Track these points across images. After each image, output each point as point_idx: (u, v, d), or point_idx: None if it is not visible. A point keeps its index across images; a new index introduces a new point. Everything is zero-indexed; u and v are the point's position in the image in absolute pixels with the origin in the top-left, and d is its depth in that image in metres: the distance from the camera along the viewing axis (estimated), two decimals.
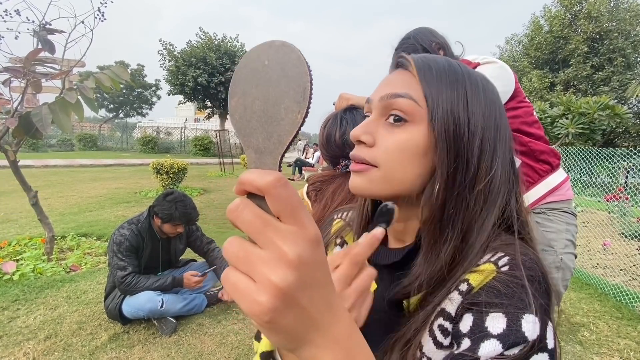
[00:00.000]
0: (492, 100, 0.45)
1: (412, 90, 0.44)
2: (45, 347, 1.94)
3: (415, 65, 0.45)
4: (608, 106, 7.14)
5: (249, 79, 0.27)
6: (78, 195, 6.18)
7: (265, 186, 0.23)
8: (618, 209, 4.63)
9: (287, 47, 0.26)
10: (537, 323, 0.35)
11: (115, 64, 23.05)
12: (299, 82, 0.25)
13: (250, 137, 0.27)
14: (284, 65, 0.25)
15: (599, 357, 2.18)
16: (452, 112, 0.42)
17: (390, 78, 0.47)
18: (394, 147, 0.43)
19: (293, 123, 0.25)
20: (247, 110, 0.27)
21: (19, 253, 3.22)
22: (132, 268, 2.20)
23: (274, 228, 0.23)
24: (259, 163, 0.27)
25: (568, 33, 16.69)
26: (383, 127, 0.45)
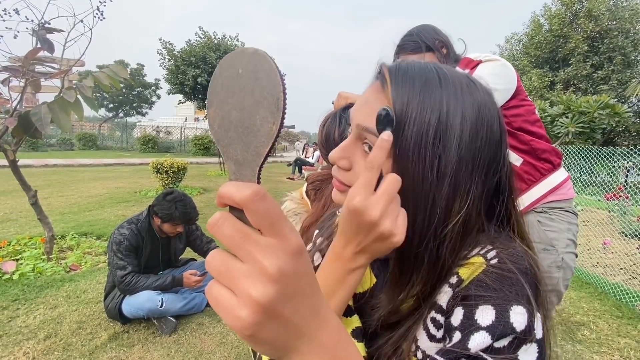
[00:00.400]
0: (476, 123, 0.40)
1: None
2: (45, 347, 1.94)
3: (390, 87, 0.41)
4: (608, 105, 7.14)
5: (224, 88, 0.27)
6: (78, 195, 6.17)
7: (243, 200, 0.23)
8: (618, 208, 4.63)
9: (259, 56, 0.25)
10: (525, 314, 0.36)
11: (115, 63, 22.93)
12: (272, 92, 0.25)
13: (229, 147, 0.27)
14: (257, 74, 0.25)
15: (599, 356, 2.18)
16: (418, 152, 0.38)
17: (368, 98, 0.44)
18: None
19: (268, 134, 0.25)
20: (224, 120, 0.27)
21: (19, 252, 3.22)
22: (132, 267, 2.19)
23: (253, 241, 0.23)
24: (239, 175, 0.27)
25: (568, 32, 16.68)
26: (360, 150, 0.45)
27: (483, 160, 0.40)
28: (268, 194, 0.23)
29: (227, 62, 0.27)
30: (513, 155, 1.30)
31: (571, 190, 1.33)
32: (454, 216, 0.39)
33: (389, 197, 0.37)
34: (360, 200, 0.37)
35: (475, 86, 0.42)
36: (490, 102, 0.42)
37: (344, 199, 0.43)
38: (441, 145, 0.38)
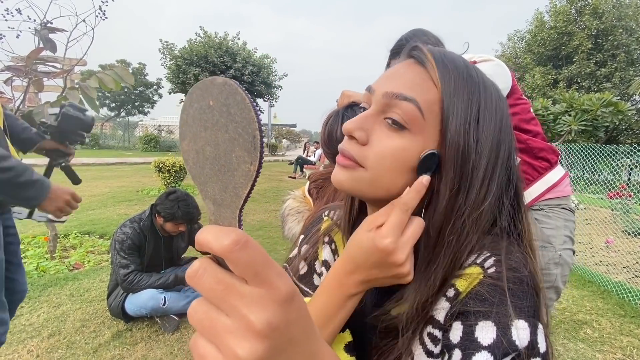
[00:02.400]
0: (501, 115, 0.42)
1: (421, 94, 0.39)
2: (49, 345, 1.95)
3: (436, 64, 0.40)
4: (611, 103, 7.10)
5: (196, 121, 0.24)
6: (81, 194, 6.14)
7: (222, 251, 0.21)
8: (621, 207, 4.61)
9: (229, 87, 0.23)
10: (528, 328, 0.35)
11: (117, 63, 23.11)
12: (247, 130, 0.22)
13: (206, 186, 0.25)
14: (230, 108, 0.23)
15: (602, 354, 2.17)
16: (465, 128, 0.39)
17: (399, 70, 0.42)
18: (388, 153, 0.40)
19: (247, 175, 0.23)
20: (199, 156, 0.25)
21: (22, 251, 3.24)
22: (135, 266, 2.20)
23: (237, 294, 0.21)
24: (218, 216, 0.25)
25: (572, 29, 16.57)
26: (380, 125, 0.41)
27: (506, 148, 0.42)
28: (250, 240, 0.21)
29: (196, 92, 0.24)
30: None
31: (568, 187, 1.34)
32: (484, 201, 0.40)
33: (414, 241, 0.39)
34: (392, 242, 0.38)
35: (498, 89, 0.44)
36: (505, 103, 0.44)
37: (347, 180, 0.42)
38: (480, 128, 0.39)
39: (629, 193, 4.54)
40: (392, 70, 0.43)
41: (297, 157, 11.63)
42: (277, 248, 3.80)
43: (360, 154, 0.41)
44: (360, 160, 0.41)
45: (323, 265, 0.58)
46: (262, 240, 4.07)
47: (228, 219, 0.24)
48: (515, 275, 0.37)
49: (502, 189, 0.42)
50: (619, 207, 4.66)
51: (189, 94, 0.25)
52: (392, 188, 0.41)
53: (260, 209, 5.80)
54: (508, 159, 0.43)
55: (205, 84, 0.24)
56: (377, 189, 0.41)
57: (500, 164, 0.41)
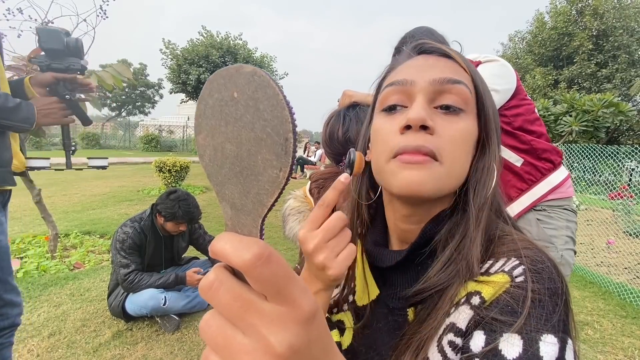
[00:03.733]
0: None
1: (463, 77, 0.43)
2: (50, 344, 1.95)
3: (457, 56, 0.44)
4: (612, 103, 7.09)
5: (216, 113, 0.22)
6: (81, 194, 6.20)
7: (243, 266, 0.19)
8: (622, 207, 4.60)
9: (260, 79, 0.20)
10: (557, 344, 0.32)
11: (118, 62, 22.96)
12: (279, 130, 0.19)
13: (223, 187, 0.22)
14: (258, 103, 0.20)
15: (603, 355, 2.17)
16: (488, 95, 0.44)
17: (428, 62, 0.44)
18: (459, 139, 0.40)
19: (274, 182, 0.20)
20: (217, 153, 0.22)
21: (23, 251, 3.24)
22: (135, 266, 2.20)
23: (257, 312, 0.19)
24: (236, 222, 0.22)
25: (573, 30, 16.56)
26: (435, 115, 0.41)
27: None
28: (274, 254, 0.19)
29: (218, 81, 0.21)
30: (514, 156, 1.31)
31: (571, 189, 1.34)
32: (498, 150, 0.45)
33: (325, 234, 0.39)
34: (302, 233, 0.40)
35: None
36: None
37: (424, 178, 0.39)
38: (486, 94, 0.44)
39: (630, 194, 4.53)
40: (419, 63, 0.44)
41: (298, 157, 11.63)
42: (278, 248, 3.80)
43: (435, 145, 0.39)
44: (437, 151, 0.39)
45: None
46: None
47: (248, 226, 0.22)
48: (546, 285, 0.35)
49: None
50: (620, 207, 4.65)
51: (208, 81, 0.22)
52: (462, 175, 0.42)
53: None
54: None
55: (230, 72, 0.21)
56: (452, 180, 0.41)
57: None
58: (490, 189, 0.42)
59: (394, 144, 0.41)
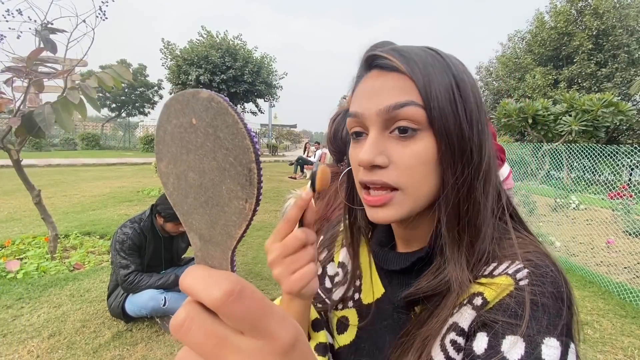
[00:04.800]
0: (472, 83, 0.42)
1: (411, 95, 0.39)
2: (49, 345, 1.95)
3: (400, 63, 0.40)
4: (612, 103, 7.09)
5: (176, 140, 0.20)
6: (81, 194, 6.20)
7: (213, 304, 0.18)
8: (622, 207, 4.60)
9: (217, 105, 0.18)
10: (559, 348, 0.32)
11: (118, 63, 23.09)
12: (241, 160, 0.18)
13: (190, 217, 0.21)
14: (218, 131, 0.19)
15: (603, 355, 2.17)
16: (449, 104, 0.39)
17: (376, 85, 0.41)
18: (414, 163, 0.39)
19: (241, 214, 0.19)
20: (180, 182, 0.21)
21: (23, 252, 3.24)
22: (135, 266, 2.20)
23: (232, 349, 0.18)
24: (206, 254, 0.21)
25: (573, 29, 16.57)
26: (390, 141, 0.40)
27: (484, 107, 0.43)
28: (246, 288, 0.18)
29: (175, 106, 0.20)
30: None
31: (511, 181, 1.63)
32: (484, 163, 0.41)
33: (283, 250, 0.40)
34: (267, 244, 0.42)
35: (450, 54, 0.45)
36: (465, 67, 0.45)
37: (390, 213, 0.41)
38: (462, 98, 0.40)
39: (630, 193, 4.53)
40: (367, 88, 0.42)
41: (298, 158, 11.62)
42: None
43: (391, 178, 0.40)
44: (392, 182, 0.40)
45: (340, 267, 0.58)
46: (263, 241, 4.07)
47: (218, 259, 0.21)
48: (550, 289, 0.35)
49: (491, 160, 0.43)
50: (620, 207, 4.65)
51: (165, 106, 0.21)
52: (429, 193, 0.41)
53: (260, 209, 5.75)
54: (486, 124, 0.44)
55: (186, 97, 0.19)
56: (417, 203, 0.41)
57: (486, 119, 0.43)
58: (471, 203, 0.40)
59: (358, 176, 0.43)
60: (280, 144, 26.74)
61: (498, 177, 0.45)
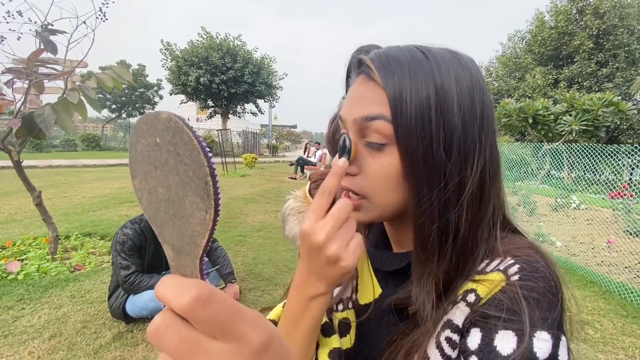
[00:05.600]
0: (470, 89, 0.39)
1: (383, 108, 0.38)
2: (50, 346, 1.95)
3: (377, 73, 0.39)
4: (612, 103, 7.09)
5: (145, 158, 0.22)
6: (81, 195, 6.21)
7: (182, 311, 0.19)
8: (622, 206, 4.60)
9: (175, 125, 0.20)
10: (550, 340, 0.33)
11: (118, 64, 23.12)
12: (198, 174, 0.20)
13: (162, 229, 0.23)
14: (177, 148, 0.21)
15: (604, 355, 2.16)
16: (421, 126, 0.37)
17: (357, 92, 0.42)
18: (379, 175, 0.40)
19: (203, 224, 0.21)
20: (152, 197, 0.23)
21: (24, 253, 3.24)
22: (136, 267, 2.21)
23: (205, 353, 0.19)
24: (179, 263, 0.23)
25: (573, 29, 16.57)
26: (364, 150, 0.41)
27: (487, 123, 0.39)
28: (214, 294, 0.19)
29: (142, 127, 0.22)
30: None
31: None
32: (469, 184, 0.38)
33: (336, 222, 0.37)
34: (308, 224, 0.37)
35: (458, 54, 0.41)
36: (476, 67, 0.41)
37: (360, 215, 0.41)
38: (442, 115, 0.37)
39: (631, 193, 4.52)
40: (351, 93, 0.43)
41: (298, 158, 11.63)
42: (278, 249, 3.80)
43: (356, 185, 0.41)
44: (359, 191, 0.41)
45: None
46: (263, 241, 4.07)
47: (189, 267, 0.22)
48: (541, 285, 0.36)
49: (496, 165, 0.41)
50: (621, 207, 4.64)
51: (134, 128, 0.23)
52: (395, 204, 0.41)
53: (260, 209, 5.80)
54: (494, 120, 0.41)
55: (150, 119, 0.22)
56: (383, 211, 0.41)
57: (487, 128, 0.39)
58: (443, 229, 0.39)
59: None
60: (280, 145, 26.76)
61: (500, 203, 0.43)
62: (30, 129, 2.49)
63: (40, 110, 2.40)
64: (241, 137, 24.60)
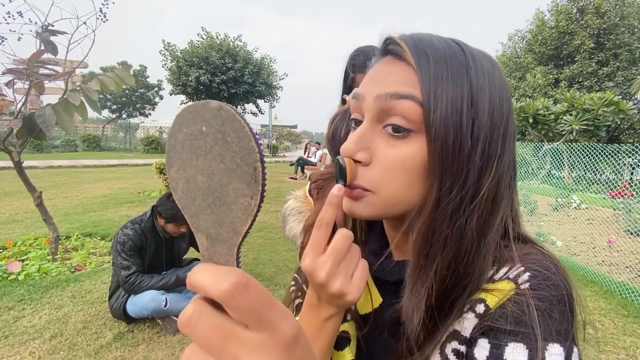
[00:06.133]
0: (500, 89, 0.37)
1: (415, 90, 0.35)
2: (51, 347, 1.95)
3: (410, 52, 0.36)
4: (613, 102, 7.09)
5: (186, 147, 0.22)
6: (82, 196, 6.21)
7: (221, 296, 0.19)
8: (623, 206, 4.59)
9: (226, 113, 0.21)
10: (562, 354, 0.32)
11: (118, 65, 23.20)
12: (247, 160, 0.20)
13: (197, 218, 0.23)
14: (226, 136, 0.21)
15: (605, 355, 2.16)
16: (454, 115, 0.34)
17: (383, 70, 0.38)
18: (396, 167, 0.36)
19: (246, 210, 0.21)
20: (190, 185, 0.23)
21: (24, 253, 3.24)
22: (136, 267, 2.21)
23: (238, 342, 0.19)
24: (213, 252, 0.23)
25: (574, 28, 16.55)
26: (380, 137, 0.37)
27: (511, 129, 0.37)
28: (251, 281, 0.19)
29: (186, 116, 0.22)
30: None
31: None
32: (484, 189, 0.35)
33: (336, 257, 0.35)
34: (308, 263, 0.35)
35: (489, 54, 0.39)
36: (500, 71, 0.39)
37: (360, 209, 0.38)
38: (474, 109, 0.35)
39: (631, 192, 4.52)
40: (374, 72, 0.39)
41: (298, 158, 11.63)
42: (279, 249, 3.80)
43: (366, 178, 0.37)
44: (370, 184, 0.37)
45: None
46: (264, 241, 4.07)
47: (225, 256, 0.22)
48: (552, 294, 0.34)
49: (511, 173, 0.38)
50: (621, 206, 4.63)
51: (177, 117, 0.23)
52: (409, 201, 0.37)
53: (261, 210, 5.80)
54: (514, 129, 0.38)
55: (197, 108, 0.22)
56: (394, 208, 0.38)
57: (510, 136, 0.37)
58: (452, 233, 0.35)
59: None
60: (280, 145, 26.78)
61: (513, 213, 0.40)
62: (31, 129, 2.49)
63: (41, 111, 2.40)
64: None
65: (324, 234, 0.35)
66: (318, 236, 0.35)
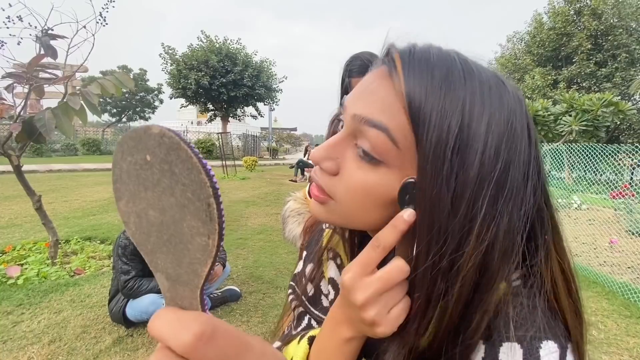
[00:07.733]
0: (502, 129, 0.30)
1: (393, 117, 0.31)
2: (50, 351, 1.94)
3: (403, 76, 0.31)
4: (612, 103, 7.10)
5: (132, 177, 0.20)
6: (82, 199, 6.21)
7: (183, 350, 0.17)
8: (624, 206, 4.59)
9: (170, 140, 0.18)
10: (557, 351, 0.32)
11: (118, 69, 23.26)
12: (199, 195, 0.18)
13: (154, 256, 0.21)
14: (173, 166, 0.18)
15: (608, 356, 2.15)
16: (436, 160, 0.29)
17: (372, 85, 0.34)
18: (358, 188, 0.33)
19: (204, 250, 0.19)
20: (142, 220, 0.21)
21: (24, 257, 3.23)
22: (136, 272, 2.20)
23: None
24: (175, 294, 0.20)
25: (572, 30, 16.63)
26: (352, 152, 0.34)
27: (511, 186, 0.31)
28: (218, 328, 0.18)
29: (128, 143, 0.20)
30: None
31: None
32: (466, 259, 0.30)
33: (383, 285, 0.32)
34: (349, 278, 0.33)
35: (505, 88, 0.33)
36: (520, 110, 0.32)
37: (321, 212, 0.37)
38: (459, 159, 0.29)
39: (632, 192, 4.51)
40: (364, 83, 0.35)
41: (298, 161, 11.63)
42: (279, 251, 3.79)
43: (329, 185, 0.36)
44: (331, 192, 0.35)
45: (330, 284, 0.53)
46: (264, 244, 4.06)
47: (188, 298, 0.20)
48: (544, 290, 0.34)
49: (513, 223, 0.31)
50: (622, 206, 4.63)
51: (118, 144, 0.20)
52: (367, 222, 0.36)
53: (261, 212, 5.79)
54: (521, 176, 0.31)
55: (139, 134, 0.19)
56: (352, 223, 0.37)
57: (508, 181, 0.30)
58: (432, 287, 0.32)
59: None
60: (280, 147, 26.81)
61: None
62: (31, 133, 2.49)
63: (41, 115, 2.40)
64: (241, 140, 24.65)
65: (377, 257, 0.32)
66: (370, 256, 0.33)
